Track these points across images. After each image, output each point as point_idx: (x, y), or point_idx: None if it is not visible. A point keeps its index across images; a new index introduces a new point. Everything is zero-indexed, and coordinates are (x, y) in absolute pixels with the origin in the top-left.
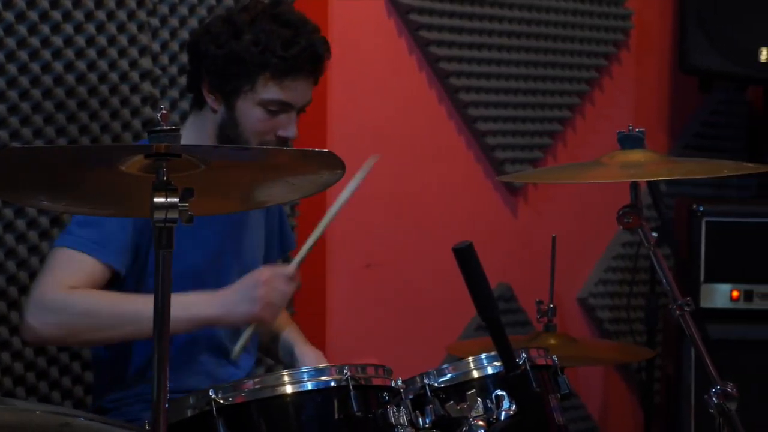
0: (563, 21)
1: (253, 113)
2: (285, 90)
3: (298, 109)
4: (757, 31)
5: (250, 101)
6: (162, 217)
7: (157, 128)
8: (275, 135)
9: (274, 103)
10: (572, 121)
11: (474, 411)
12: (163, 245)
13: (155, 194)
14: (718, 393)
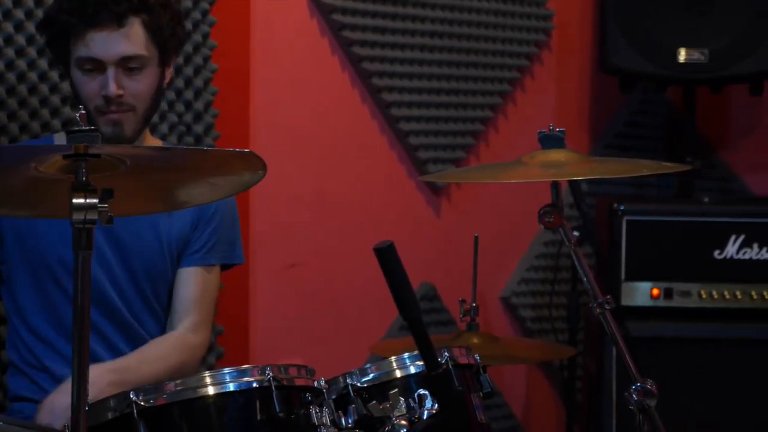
0: (485, 21)
1: (76, 77)
2: (89, 45)
3: (115, 64)
4: (676, 32)
5: (73, 65)
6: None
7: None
8: (101, 97)
9: (85, 61)
10: (494, 121)
11: (397, 410)
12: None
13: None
14: (638, 390)
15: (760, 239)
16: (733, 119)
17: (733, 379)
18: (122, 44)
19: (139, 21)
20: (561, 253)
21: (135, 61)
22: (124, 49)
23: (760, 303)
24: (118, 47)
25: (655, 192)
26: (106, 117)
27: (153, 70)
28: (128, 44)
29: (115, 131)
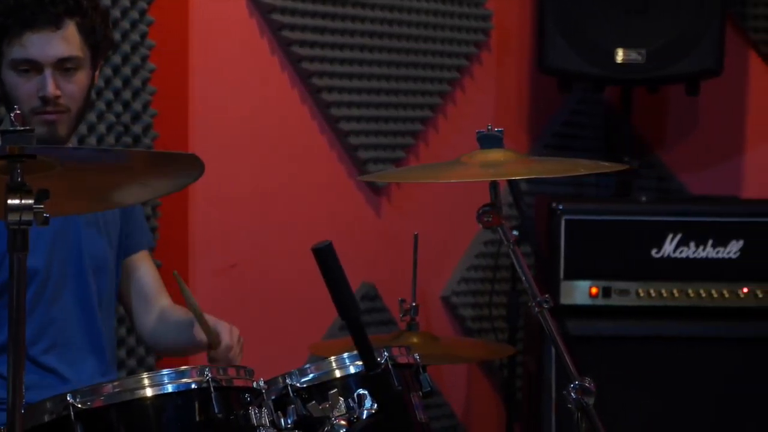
0: (424, 21)
1: (10, 79)
2: (26, 46)
3: (52, 66)
4: (613, 32)
5: (6, 67)
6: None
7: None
8: (38, 98)
9: (21, 63)
10: (434, 121)
11: (336, 410)
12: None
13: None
14: (576, 388)
15: (697, 238)
16: (670, 119)
17: (671, 376)
18: (60, 46)
19: (74, 23)
20: (500, 253)
21: (71, 62)
22: (62, 51)
23: (697, 301)
24: (56, 49)
25: (594, 191)
26: (42, 118)
27: (86, 71)
28: (65, 46)
29: (50, 132)
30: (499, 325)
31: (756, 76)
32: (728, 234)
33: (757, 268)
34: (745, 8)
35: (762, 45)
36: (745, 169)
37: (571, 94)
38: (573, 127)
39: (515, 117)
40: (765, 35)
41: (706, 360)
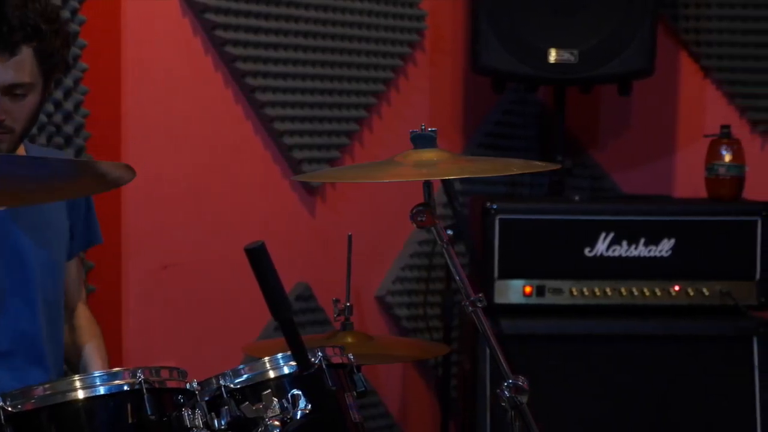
0: (359, 21)
1: None
2: None
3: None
4: (546, 33)
5: None
6: None
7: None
8: None
9: None
10: (369, 121)
11: (270, 411)
12: None
13: None
14: (509, 387)
15: (629, 237)
16: (603, 119)
17: (604, 374)
18: (10, 73)
19: (31, 49)
20: (435, 252)
21: (21, 89)
22: (12, 78)
23: (630, 299)
24: (6, 76)
25: (528, 191)
26: None
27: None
28: (16, 73)
29: None
30: (434, 325)
31: (687, 76)
32: (660, 233)
33: (688, 266)
34: (676, 9)
35: (693, 45)
36: (676, 168)
37: (505, 94)
38: (506, 127)
39: (449, 117)
40: (696, 35)
41: (638, 358)
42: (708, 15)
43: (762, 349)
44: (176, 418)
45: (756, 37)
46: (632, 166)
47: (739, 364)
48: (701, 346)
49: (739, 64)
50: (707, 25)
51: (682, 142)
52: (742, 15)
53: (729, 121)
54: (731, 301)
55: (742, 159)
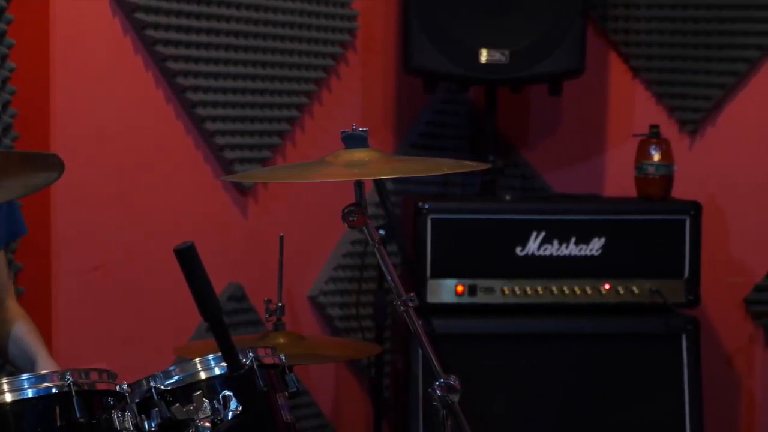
0: (290, 21)
1: None
2: None
3: None
4: (477, 33)
5: None
6: None
7: None
8: None
9: None
10: (301, 121)
11: (201, 412)
12: None
13: None
14: (441, 386)
15: (560, 236)
16: (534, 119)
17: (534, 373)
18: None
19: None
20: (367, 252)
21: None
22: None
23: (561, 298)
24: None
25: (460, 191)
26: None
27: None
28: None
29: None
30: (367, 324)
31: (616, 77)
32: (590, 232)
33: (618, 265)
34: (606, 10)
35: (622, 46)
36: (606, 168)
37: (437, 94)
38: (439, 127)
39: (381, 117)
40: (625, 36)
41: (568, 356)
42: (637, 16)
43: (690, 347)
44: (106, 420)
45: (684, 38)
46: (563, 166)
47: (668, 361)
48: (631, 343)
49: (668, 65)
50: (636, 26)
51: (611, 142)
52: (670, 16)
53: (658, 121)
54: (660, 299)
55: (671, 158)
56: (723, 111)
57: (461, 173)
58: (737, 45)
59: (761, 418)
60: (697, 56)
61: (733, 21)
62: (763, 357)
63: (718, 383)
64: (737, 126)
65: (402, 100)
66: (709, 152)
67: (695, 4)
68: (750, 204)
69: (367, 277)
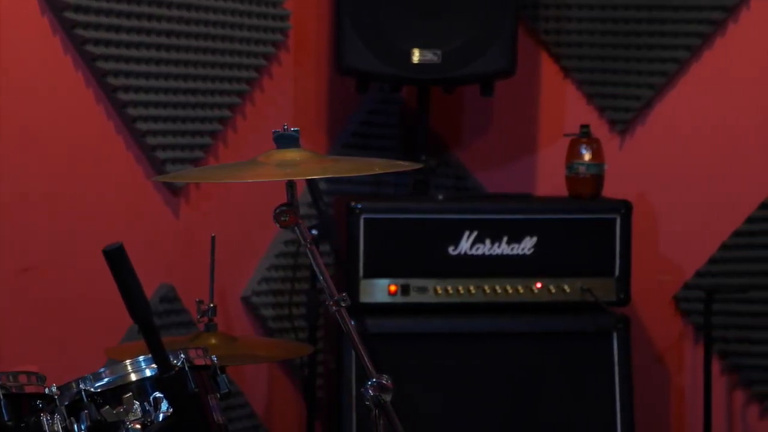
0: (222, 21)
1: None
2: None
3: None
4: (410, 33)
5: None
6: None
7: None
8: None
9: None
10: (233, 121)
11: (131, 414)
12: None
13: None
14: (373, 385)
15: (492, 235)
16: (466, 119)
17: (469, 372)
18: None
19: None
20: (300, 252)
21: None
22: None
23: (493, 297)
24: None
25: (393, 190)
26: None
27: None
28: None
29: None
30: (300, 324)
31: (548, 77)
32: (522, 231)
33: (550, 263)
34: (537, 10)
35: (553, 46)
36: (538, 167)
37: (370, 94)
38: (371, 127)
39: (314, 117)
40: (556, 36)
41: (501, 354)
42: (568, 16)
43: (621, 344)
44: (34, 423)
45: (614, 38)
46: (495, 165)
47: (599, 359)
48: (562, 342)
49: (598, 65)
50: (567, 27)
51: (543, 142)
52: (600, 17)
53: (588, 121)
54: (591, 298)
55: (602, 158)
56: (653, 111)
57: (394, 173)
58: (667, 45)
59: (691, 414)
60: (627, 56)
61: (662, 22)
62: (692, 354)
63: (649, 380)
64: (667, 125)
65: (334, 100)
66: (639, 151)
67: (625, 5)
68: (679, 202)
69: (300, 277)
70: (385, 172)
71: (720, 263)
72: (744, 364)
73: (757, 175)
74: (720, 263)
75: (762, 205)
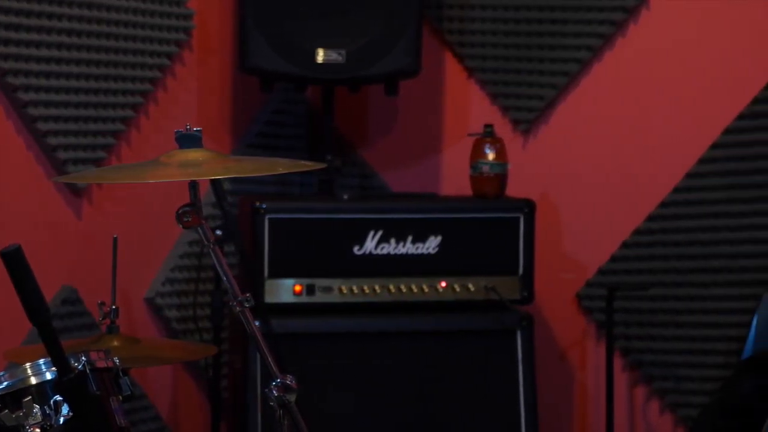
0: (124, 20)
1: None
2: None
3: None
4: (314, 33)
5: None
6: None
7: None
8: None
9: None
10: (136, 121)
11: (31, 418)
12: None
13: None
14: (277, 386)
15: (397, 234)
16: (371, 118)
17: (374, 371)
18: None
19: None
20: (204, 253)
21: None
22: None
23: (398, 296)
24: None
25: (298, 190)
26: None
27: None
28: None
29: None
30: (204, 325)
31: (452, 77)
32: (427, 230)
33: (454, 262)
34: (441, 10)
35: (457, 46)
36: (442, 166)
37: (275, 94)
38: (277, 127)
39: (218, 117)
40: (460, 36)
41: (407, 354)
42: (472, 17)
43: (525, 342)
44: None
45: (517, 39)
46: (400, 165)
47: (503, 357)
48: (467, 340)
49: (502, 65)
50: (471, 27)
51: (447, 141)
52: (504, 17)
53: (492, 121)
54: (495, 296)
55: (505, 157)
56: (555, 110)
57: (300, 172)
58: (569, 46)
59: (594, 410)
60: (530, 57)
61: (564, 22)
62: (595, 351)
63: (553, 377)
64: (569, 125)
65: (239, 99)
66: (542, 151)
67: (528, 6)
68: (581, 201)
69: (205, 278)
70: (288, 172)
71: (621, 261)
72: (645, 361)
73: (657, 174)
74: (621, 261)
75: (662, 204)
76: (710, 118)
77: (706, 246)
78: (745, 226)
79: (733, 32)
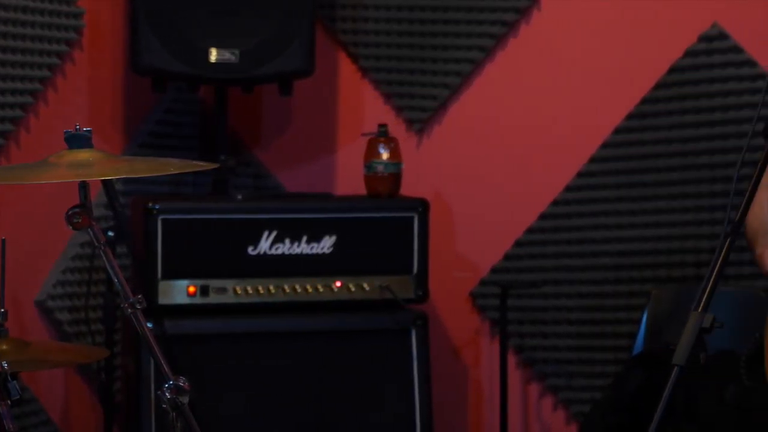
0: (13, 18)
1: None
2: None
3: None
4: (207, 32)
5: None
6: None
7: None
8: None
9: None
10: (25, 121)
11: None
12: None
13: None
14: (170, 388)
15: (292, 234)
16: (265, 118)
17: (268, 372)
18: None
19: None
20: (97, 254)
21: None
22: None
23: (293, 296)
24: None
25: (192, 190)
26: None
27: None
28: None
29: None
30: (97, 328)
31: (345, 77)
32: (322, 230)
33: (349, 262)
34: (334, 10)
35: (351, 46)
36: (337, 166)
37: (167, 94)
38: (169, 127)
39: (109, 116)
40: (353, 36)
41: (302, 354)
42: (365, 17)
43: (419, 341)
44: None
45: (410, 39)
46: (295, 165)
47: (398, 356)
48: (363, 340)
49: (396, 65)
50: (364, 27)
51: (342, 141)
52: (397, 17)
53: (386, 120)
54: (390, 295)
55: (399, 157)
56: (449, 110)
57: (194, 173)
58: (461, 46)
59: (488, 408)
60: (423, 57)
61: (456, 23)
62: (489, 349)
63: (447, 375)
64: (463, 125)
65: (131, 99)
66: (435, 150)
67: (421, 6)
68: (475, 201)
69: (97, 280)
70: (181, 172)
71: (514, 260)
72: (538, 358)
73: (549, 174)
74: (514, 260)
75: (554, 203)
76: (601, 118)
77: (597, 244)
78: (635, 224)
79: (622, 34)
